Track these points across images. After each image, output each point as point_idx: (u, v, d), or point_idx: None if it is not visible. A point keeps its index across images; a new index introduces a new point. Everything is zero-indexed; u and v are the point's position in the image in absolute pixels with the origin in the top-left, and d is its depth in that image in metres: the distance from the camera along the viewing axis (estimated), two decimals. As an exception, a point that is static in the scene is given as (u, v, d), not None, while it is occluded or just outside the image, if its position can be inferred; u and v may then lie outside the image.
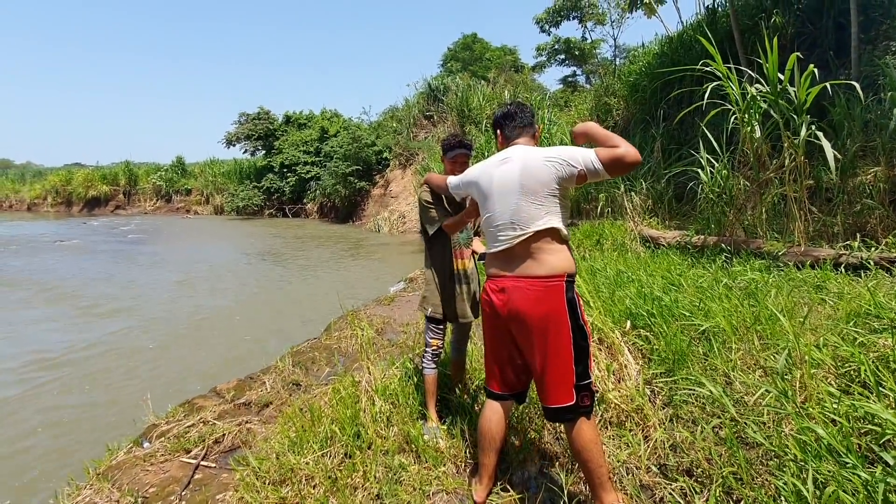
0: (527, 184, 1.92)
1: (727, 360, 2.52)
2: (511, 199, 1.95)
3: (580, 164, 1.83)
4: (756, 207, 4.81)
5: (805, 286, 3.40)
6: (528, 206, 1.92)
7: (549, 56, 18.56)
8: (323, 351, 4.46)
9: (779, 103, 4.28)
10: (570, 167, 1.85)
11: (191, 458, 2.74)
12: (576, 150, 1.88)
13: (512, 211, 1.95)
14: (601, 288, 3.92)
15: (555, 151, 1.92)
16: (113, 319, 6.43)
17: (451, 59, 26.71)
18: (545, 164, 1.90)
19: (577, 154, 1.86)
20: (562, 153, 1.89)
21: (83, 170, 34.85)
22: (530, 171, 1.92)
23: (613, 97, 10.92)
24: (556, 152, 1.91)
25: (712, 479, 1.89)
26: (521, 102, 2.23)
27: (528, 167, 1.93)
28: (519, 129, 2.14)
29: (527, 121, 2.14)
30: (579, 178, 1.86)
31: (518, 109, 2.17)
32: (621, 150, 1.77)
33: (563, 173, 1.87)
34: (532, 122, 2.15)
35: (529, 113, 2.15)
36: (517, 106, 2.19)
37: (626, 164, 1.78)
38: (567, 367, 1.88)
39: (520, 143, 2.11)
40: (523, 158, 1.97)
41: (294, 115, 26.54)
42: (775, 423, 1.96)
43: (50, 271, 10.13)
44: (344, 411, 2.62)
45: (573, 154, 1.87)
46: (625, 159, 1.77)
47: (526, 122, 2.14)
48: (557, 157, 1.89)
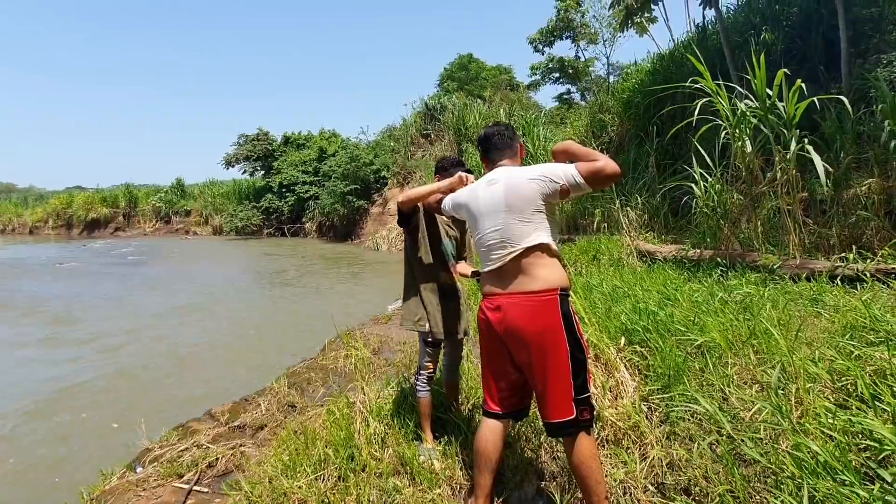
0: (513, 202, 1.96)
1: (723, 375, 2.50)
2: (499, 219, 1.99)
3: (562, 179, 1.89)
4: (751, 221, 4.82)
5: (801, 299, 3.39)
6: (515, 224, 1.95)
7: (543, 75, 18.87)
8: (319, 371, 4.42)
9: (768, 118, 4.34)
10: (552, 183, 1.90)
11: (183, 482, 2.70)
12: (557, 167, 1.93)
13: (501, 230, 1.98)
14: (597, 304, 3.91)
15: (538, 170, 1.97)
16: (105, 343, 6.39)
17: (447, 79, 27.11)
18: (529, 182, 1.94)
19: (558, 170, 1.91)
20: (544, 171, 1.94)
21: (84, 193, 35.06)
22: (515, 190, 1.96)
23: (608, 114, 11.04)
24: (538, 170, 1.96)
25: (710, 498, 1.86)
26: (498, 123, 2.27)
27: (513, 186, 1.97)
28: (499, 151, 2.19)
29: (505, 143, 2.18)
30: (562, 192, 1.91)
31: (495, 132, 2.21)
32: (600, 164, 1.83)
33: (546, 189, 1.91)
34: (511, 143, 2.19)
35: (508, 134, 2.20)
36: (494, 128, 2.23)
37: (604, 176, 1.85)
38: (565, 381, 1.88)
39: (503, 164, 2.16)
40: (507, 178, 2.01)
41: (293, 135, 26.82)
42: (772, 440, 1.94)
43: (47, 295, 10.10)
44: (338, 433, 2.59)
45: (555, 170, 1.92)
46: (604, 171, 1.83)
47: (504, 144, 2.18)
48: (540, 175, 1.93)
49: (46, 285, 11.31)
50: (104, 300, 9.39)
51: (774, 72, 4.46)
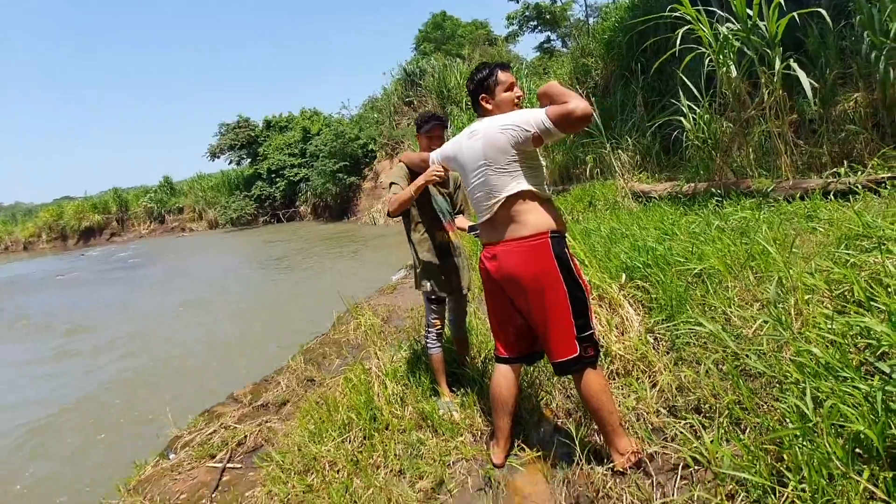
0: (489, 154, 1.96)
1: (724, 298, 2.56)
2: (480, 171, 2.01)
3: (532, 127, 1.85)
4: (742, 148, 4.80)
5: (796, 218, 3.42)
6: (494, 175, 1.97)
7: (520, 24, 18.30)
8: (332, 345, 4.51)
9: (751, 39, 4.25)
10: (524, 131, 1.87)
11: (216, 462, 2.81)
12: (529, 113, 1.88)
13: (483, 182, 2.01)
14: (596, 247, 3.95)
15: (511, 117, 1.94)
16: (118, 347, 6.49)
17: (423, 41, 26.33)
18: (501, 133, 1.92)
19: (529, 117, 1.87)
20: (517, 118, 1.91)
21: (73, 202, 34.68)
22: (490, 142, 1.96)
23: (590, 57, 10.79)
24: (511, 118, 1.93)
25: (719, 413, 1.94)
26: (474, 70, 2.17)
27: (488, 138, 1.97)
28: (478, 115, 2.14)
29: (474, 104, 2.13)
30: (535, 139, 1.87)
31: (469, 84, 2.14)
32: (570, 106, 1.75)
33: (518, 138, 1.89)
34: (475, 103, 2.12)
35: (470, 93, 2.14)
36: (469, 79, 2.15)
37: (574, 118, 1.76)
38: (566, 321, 1.93)
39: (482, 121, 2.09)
40: (486, 130, 2.00)
41: (274, 118, 26.31)
42: (774, 352, 2.00)
43: (54, 308, 10.18)
44: (358, 398, 2.68)
45: (526, 118, 1.88)
46: (573, 114, 1.75)
47: (474, 105, 2.14)
48: (512, 123, 1.91)
49: (51, 298, 11.37)
50: (110, 306, 9.47)
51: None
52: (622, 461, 1.95)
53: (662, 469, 1.92)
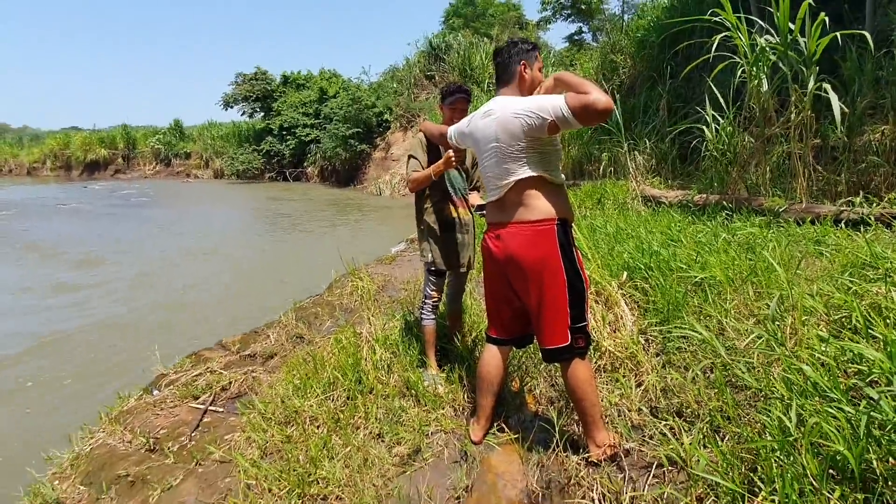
0: (502, 138, 1.92)
1: (721, 309, 2.56)
2: (493, 152, 1.97)
3: (549, 115, 1.79)
4: (760, 165, 4.75)
5: (804, 241, 3.40)
6: (506, 159, 1.93)
7: (554, 10, 17.92)
8: (325, 306, 4.53)
9: (788, 55, 4.16)
10: (539, 118, 1.81)
11: (199, 403, 2.85)
12: (547, 100, 1.82)
13: (495, 163, 1.98)
14: (600, 244, 3.94)
15: (526, 103, 1.87)
16: (117, 284, 6.52)
17: (452, 16, 25.78)
18: (515, 118, 1.87)
19: (546, 103, 1.80)
20: (531, 104, 1.85)
21: (81, 133, 34.44)
22: (504, 126, 1.91)
23: (620, 54, 10.60)
24: (526, 104, 1.87)
25: (700, 418, 1.96)
26: (498, 49, 2.09)
27: (503, 121, 1.92)
28: (499, 80, 2.08)
29: (503, 69, 2.04)
30: (550, 128, 1.82)
31: (497, 59, 2.07)
32: (592, 97, 1.68)
33: (533, 124, 1.83)
34: (508, 67, 2.02)
35: (507, 56, 2.02)
36: (497, 54, 2.08)
37: (596, 111, 1.70)
38: (562, 308, 1.93)
39: (502, 92, 2.05)
40: (501, 111, 1.94)
41: (292, 75, 25.90)
42: (765, 366, 2.01)
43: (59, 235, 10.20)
44: (346, 359, 2.70)
45: (542, 104, 1.81)
46: (595, 106, 1.68)
47: (502, 70, 2.05)
48: (527, 109, 1.84)
49: (54, 226, 11.38)
50: (113, 241, 9.48)
51: (797, 7, 4.23)
52: (598, 453, 1.97)
53: (636, 465, 1.95)
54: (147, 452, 2.45)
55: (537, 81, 2.04)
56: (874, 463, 1.40)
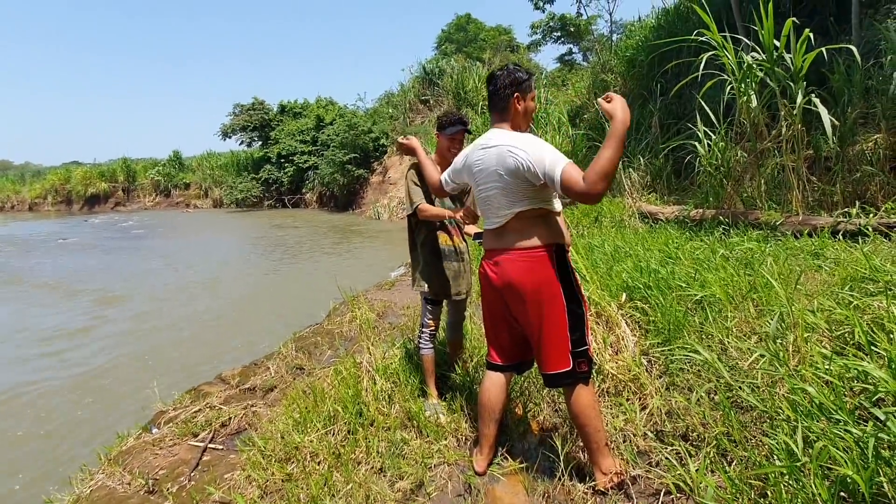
0: (502, 172, 1.92)
1: (722, 327, 2.54)
2: (491, 185, 1.97)
3: (542, 178, 1.80)
4: (754, 179, 4.78)
5: (802, 254, 3.40)
6: (506, 193, 1.93)
7: (544, 34, 18.30)
8: (325, 336, 4.50)
9: (775, 71, 4.23)
10: (532, 174, 1.82)
11: (198, 441, 2.80)
12: (545, 158, 1.79)
13: (495, 195, 1.97)
14: (598, 263, 3.93)
15: (527, 148, 1.85)
16: (117, 314, 6.50)
17: (445, 42, 26.37)
18: (512, 158, 1.86)
19: (545, 163, 1.78)
20: (532, 155, 1.82)
21: (81, 167, 34.81)
22: (502, 163, 1.91)
23: (610, 74, 10.78)
24: (527, 151, 1.84)
25: (707, 442, 1.92)
26: (493, 75, 2.05)
27: (501, 157, 1.91)
28: (493, 111, 2.06)
29: (496, 101, 2.02)
30: (541, 185, 1.86)
31: (491, 88, 2.04)
32: (584, 189, 1.67)
33: (526, 175, 1.85)
34: (502, 101, 2.00)
35: (501, 85, 2.00)
36: (491, 83, 2.04)
37: (582, 200, 1.75)
38: (562, 333, 1.92)
39: (498, 126, 2.04)
40: (498, 147, 1.93)
41: (289, 104, 26.34)
42: (769, 387, 1.99)
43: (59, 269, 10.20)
44: (346, 391, 2.66)
45: (542, 161, 1.79)
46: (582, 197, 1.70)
47: (495, 103, 2.02)
48: (526, 157, 1.83)
49: (50, 261, 11.39)
50: (111, 273, 9.47)
51: (783, 23, 4.32)
52: (604, 481, 1.93)
53: (644, 493, 1.91)
54: (146, 494, 2.40)
55: (530, 111, 2.05)
56: (885, 486, 1.37)
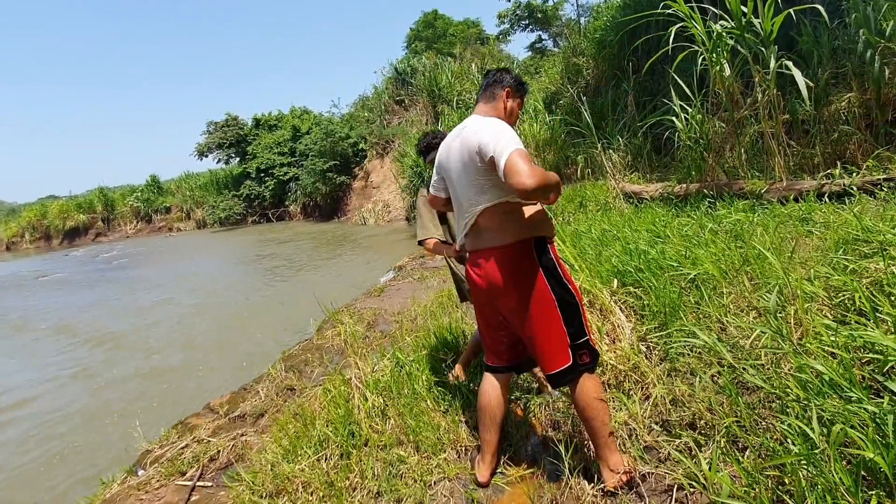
0: (464, 159, 1.83)
1: (719, 305, 2.45)
2: (460, 176, 1.88)
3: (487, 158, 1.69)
4: (734, 148, 4.72)
5: (791, 220, 3.33)
6: (472, 182, 1.83)
7: (511, 23, 18.20)
8: (315, 351, 4.36)
9: (745, 37, 4.16)
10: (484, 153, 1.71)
11: (186, 480, 2.65)
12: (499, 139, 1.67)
13: (464, 186, 1.88)
14: (587, 249, 3.84)
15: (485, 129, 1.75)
16: (94, 348, 6.29)
17: (414, 40, 26.14)
18: (473, 136, 1.77)
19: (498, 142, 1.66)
20: (486, 134, 1.72)
21: (57, 201, 34.03)
22: (466, 146, 1.81)
23: (581, 57, 10.70)
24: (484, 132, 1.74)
25: (716, 430, 1.83)
26: (493, 70, 2.04)
27: (465, 142, 1.82)
28: (479, 101, 1.99)
29: (485, 90, 1.97)
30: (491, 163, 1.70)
31: (486, 76, 2.01)
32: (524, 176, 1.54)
33: (482, 153, 1.73)
34: (489, 89, 1.96)
35: (491, 79, 1.98)
36: (487, 73, 2.03)
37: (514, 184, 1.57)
38: (557, 328, 1.82)
39: (477, 110, 1.97)
40: (464, 133, 1.85)
41: (263, 117, 25.97)
42: (773, 364, 1.90)
43: (31, 308, 9.89)
44: (336, 411, 2.53)
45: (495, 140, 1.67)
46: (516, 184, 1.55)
47: (484, 91, 1.97)
48: (483, 138, 1.72)
49: (30, 300, 11.07)
50: (88, 308, 9.21)
51: (748, -12, 4.25)
52: (613, 480, 1.83)
53: (656, 490, 1.81)
54: (133, 544, 2.26)
55: (515, 113, 1.99)
56: (910, 465, 1.28)
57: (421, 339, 3.38)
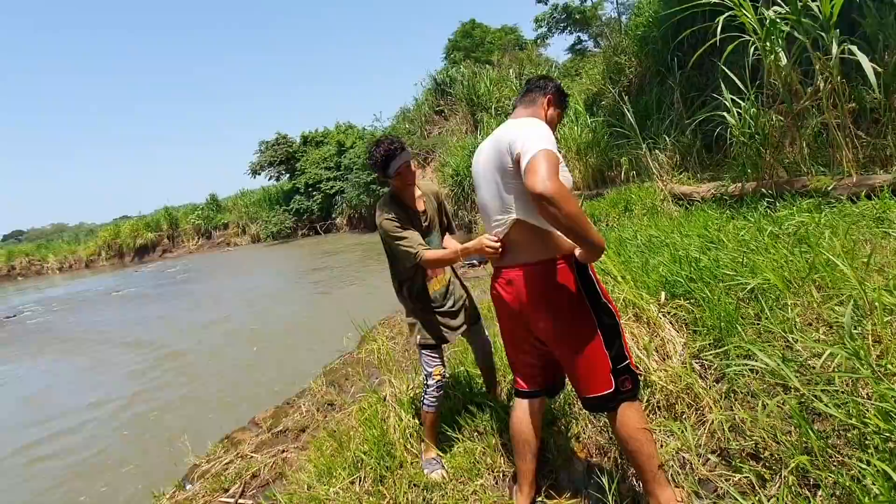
0: (494, 162, 1.73)
1: (784, 319, 2.21)
2: (491, 183, 1.77)
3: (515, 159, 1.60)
4: (795, 143, 4.34)
5: (864, 220, 2.99)
6: (503, 190, 1.72)
7: (549, 27, 17.86)
8: (356, 366, 4.37)
9: (802, 22, 3.82)
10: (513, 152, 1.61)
11: (229, 497, 2.70)
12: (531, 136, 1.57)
13: (493, 194, 1.77)
14: (632, 258, 3.63)
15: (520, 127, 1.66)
16: (159, 359, 6.63)
17: (453, 50, 26.28)
18: (504, 137, 1.68)
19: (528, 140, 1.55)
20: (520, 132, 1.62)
21: (129, 221, 36.72)
22: (497, 146, 1.71)
23: (623, 55, 10.35)
24: (511, 132, 1.66)
25: (782, 463, 1.62)
26: (537, 76, 1.97)
27: (497, 141, 1.72)
28: (518, 105, 1.92)
29: (525, 94, 1.91)
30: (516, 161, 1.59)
31: (529, 82, 1.95)
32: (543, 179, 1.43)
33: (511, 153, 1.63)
34: (529, 94, 1.89)
35: (532, 84, 1.91)
36: (530, 80, 1.96)
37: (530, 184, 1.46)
38: (598, 351, 1.68)
39: (515, 114, 1.88)
40: (500, 133, 1.75)
41: (310, 134, 26.96)
42: (850, 389, 1.67)
43: (107, 322, 10.64)
44: (370, 431, 2.49)
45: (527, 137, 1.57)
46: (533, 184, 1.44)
47: (524, 95, 1.91)
48: (515, 135, 1.63)
49: (102, 314, 11.92)
50: (156, 321, 9.78)
51: (804, -31, 3.91)
52: (664, 517, 1.67)
53: (713, 529, 1.63)
54: (178, 561, 2.31)
55: (554, 122, 1.91)
56: None
57: (458, 354, 3.30)
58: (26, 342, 9.65)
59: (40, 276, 33.01)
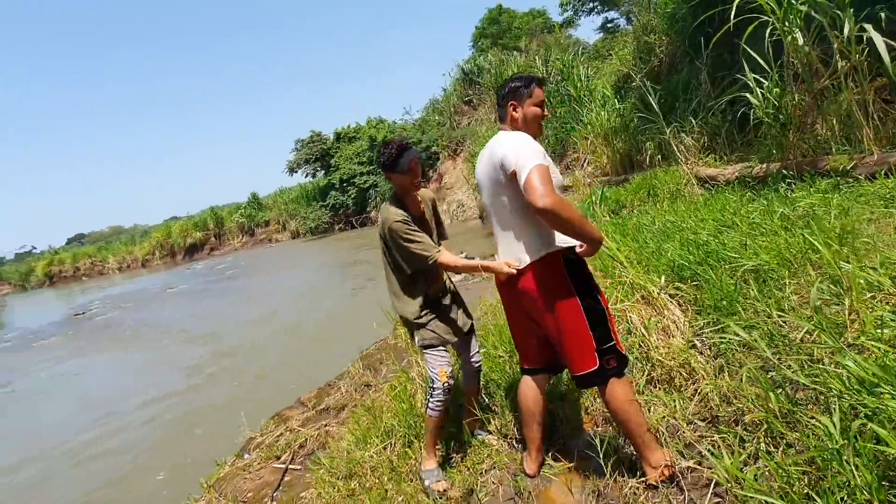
0: (490, 173, 1.96)
1: (779, 298, 2.36)
2: (488, 188, 2.01)
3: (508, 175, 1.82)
4: (817, 122, 4.31)
5: (875, 199, 3.03)
6: (499, 196, 1.95)
7: (575, 9, 17.56)
8: (390, 351, 4.72)
9: (818, 2, 3.80)
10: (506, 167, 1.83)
11: (280, 463, 3.09)
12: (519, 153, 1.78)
13: (489, 203, 2.02)
14: (647, 243, 3.76)
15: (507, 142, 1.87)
16: (214, 352, 7.25)
17: (480, 38, 26.17)
18: (498, 149, 1.89)
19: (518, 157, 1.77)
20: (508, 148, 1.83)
21: (178, 222, 38.90)
22: (492, 159, 1.94)
23: (653, 34, 10.15)
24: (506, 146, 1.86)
25: (760, 426, 1.81)
26: (498, 87, 2.11)
27: (492, 153, 1.94)
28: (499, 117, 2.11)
29: (498, 108, 2.08)
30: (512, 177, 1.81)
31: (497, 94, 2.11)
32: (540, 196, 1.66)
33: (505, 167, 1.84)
34: (498, 108, 2.07)
35: (500, 98, 2.06)
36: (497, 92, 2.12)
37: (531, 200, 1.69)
38: (583, 332, 1.89)
39: (501, 128, 2.08)
40: (491, 144, 1.99)
41: (343, 130, 27.60)
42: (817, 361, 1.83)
43: (165, 317, 11.55)
44: (400, 405, 2.81)
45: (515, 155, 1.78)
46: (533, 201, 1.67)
47: (498, 108, 2.09)
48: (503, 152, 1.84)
49: (160, 310, 12.90)
50: (211, 316, 10.55)
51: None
52: (655, 475, 1.89)
53: (696, 485, 1.84)
54: (238, 516, 2.71)
55: (531, 116, 2.01)
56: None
57: (481, 337, 3.56)
58: (97, 338, 10.66)
59: (102, 276, 35.55)
